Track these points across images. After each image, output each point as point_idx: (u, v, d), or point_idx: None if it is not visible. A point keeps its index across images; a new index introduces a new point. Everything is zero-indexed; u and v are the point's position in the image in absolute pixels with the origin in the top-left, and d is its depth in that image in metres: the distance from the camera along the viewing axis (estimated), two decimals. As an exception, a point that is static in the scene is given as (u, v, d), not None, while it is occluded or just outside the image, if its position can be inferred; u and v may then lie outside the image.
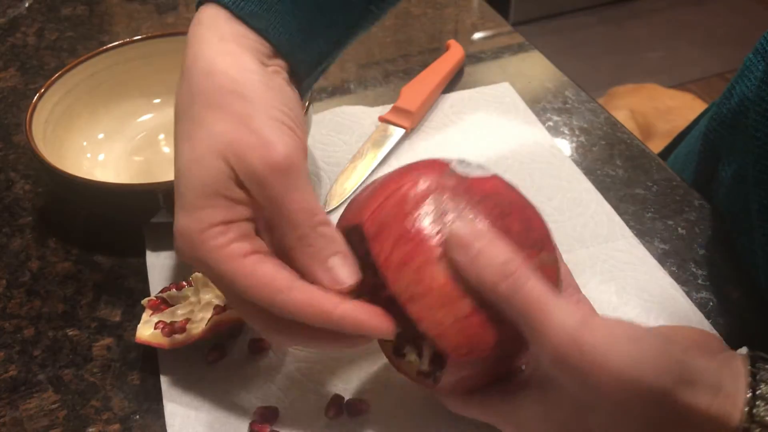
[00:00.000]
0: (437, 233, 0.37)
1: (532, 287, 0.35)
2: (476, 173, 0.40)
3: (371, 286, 0.40)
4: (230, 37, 0.41)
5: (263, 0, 0.42)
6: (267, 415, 0.48)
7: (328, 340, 0.40)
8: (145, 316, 0.52)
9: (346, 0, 0.47)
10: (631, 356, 0.33)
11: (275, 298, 0.37)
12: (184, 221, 0.40)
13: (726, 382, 0.34)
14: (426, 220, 0.38)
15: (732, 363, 0.36)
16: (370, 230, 0.39)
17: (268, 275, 0.38)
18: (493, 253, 0.36)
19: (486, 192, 0.39)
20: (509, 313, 0.36)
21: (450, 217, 0.38)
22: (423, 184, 0.39)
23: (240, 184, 0.39)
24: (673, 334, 0.44)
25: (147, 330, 0.50)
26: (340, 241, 0.40)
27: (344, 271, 0.39)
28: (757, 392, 0.34)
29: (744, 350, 0.37)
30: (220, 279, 0.39)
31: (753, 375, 0.35)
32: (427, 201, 0.38)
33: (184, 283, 0.54)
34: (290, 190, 0.38)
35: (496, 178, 0.41)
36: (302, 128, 0.41)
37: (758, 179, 0.57)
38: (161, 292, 0.53)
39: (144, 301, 0.52)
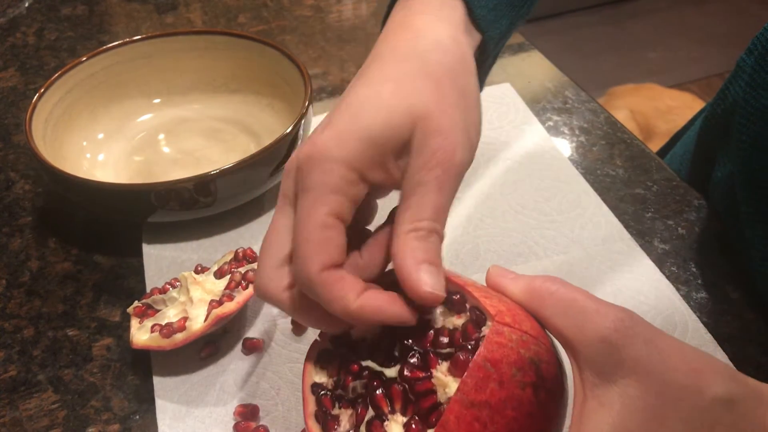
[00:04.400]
0: None
1: (573, 288, 0.35)
2: None
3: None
4: (446, 14, 0.40)
5: None
6: (246, 413, 0.48)
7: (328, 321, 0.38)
8: (134, 323, 0.52)
9: None
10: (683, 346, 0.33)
11: (303, 272, 0.35)
12: (327, 143, 0.36)
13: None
14: None
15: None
16: None
17: (315, 248, 0.35)
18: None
19: None
20: (554, 314, 0.34)
21: None
22: None
23: (399, 152, 0.36)
24: None
25: (143, 335, 0.50)
26: (439, 258, 0.37)
27: (433, 279, 0.35)
28: None
29: None
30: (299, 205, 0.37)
31: None
32: None
33: (168, 286, 0.54)
34: (445, 189, 0.36)
35: None
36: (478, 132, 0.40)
37: (745, 181, 0.57)
38: (144, 298, 0.54)
39: (130, 309, 0.53)
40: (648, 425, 0.31)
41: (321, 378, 0.40)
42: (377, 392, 0.36)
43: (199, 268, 0.56)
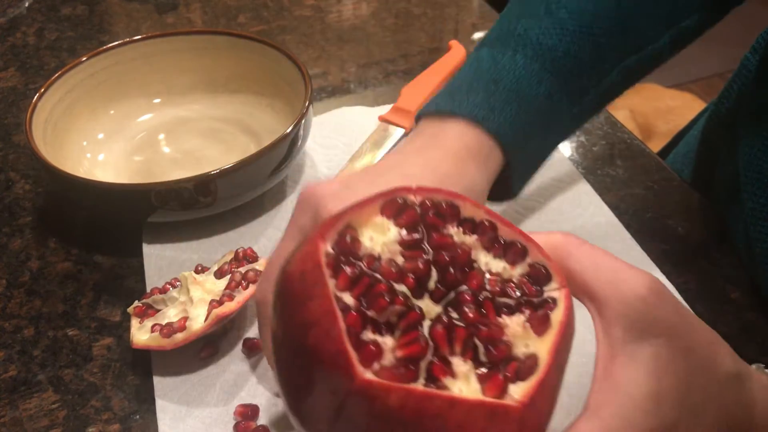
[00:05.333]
0: None
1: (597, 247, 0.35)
2: None
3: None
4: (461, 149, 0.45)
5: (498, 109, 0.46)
6: (247, 413, 0.48)
7: None
8: (134, 322, 0.52)
9: (555, 109, 0.49)
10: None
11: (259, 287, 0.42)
12: (337, 189, 0.41)
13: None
14: None
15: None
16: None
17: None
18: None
19: None
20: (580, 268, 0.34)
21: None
22: None
23: None
24: None
25: (143, 335, 0.50)
26: None
27: None
28: None
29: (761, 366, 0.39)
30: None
31: None
32: None
33: (168, 285, 0.54)
34: None
35: None
36: None
37: (751, 178, 0.57)
38: (144, 297, 0.54)
39: (130, 309, 0.53)
40: (678, 387, 0.31)
41: (332, 287, 0.30)
42: (436, 328, 0.30)
43: (200, 268, 0.56)
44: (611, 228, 0.62)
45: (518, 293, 0.32)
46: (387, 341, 0.29)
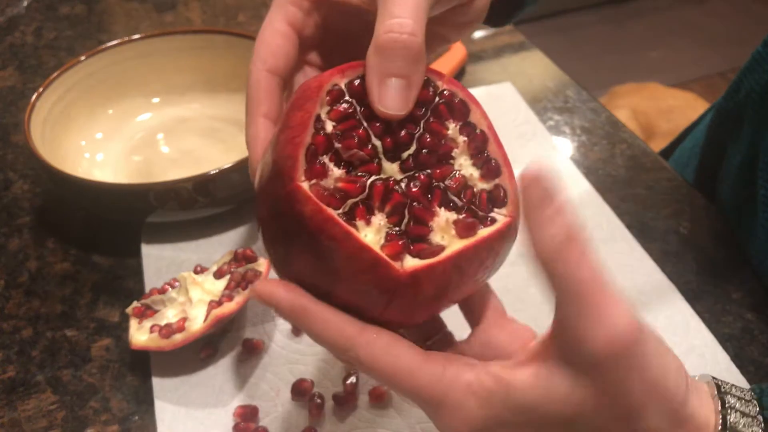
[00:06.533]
0: None
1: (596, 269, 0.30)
2: None
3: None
4: None
5: None
6: (246, 414, 0.48)
7: None
8: (133, 323, 0.52)
9: None
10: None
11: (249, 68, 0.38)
12: None
13: (696, 410, 0.33)
14: None
15: (699, 389, 0.34)
16: None
17: (261, 48, 0.38)
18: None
19: None
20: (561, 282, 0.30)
21: None
22: None
23: None
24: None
25: (142, 336, 0.50)
26: (419, 66, 0.33)
27: (397, 96, 0.33)
28: (729, 421, 0.33)
29: (708, 378, 0.35)
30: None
31: (722, 403, 0.33)
32: None
33: (167, 286, 0.54)
34: None
35: None
36: None
37: (767, 163, 0.57)
38: (143, 298, 0.53)
39: (129, 310, 0.52)
40: (563, 421, 0.31)
41: (323, 113, 0.33)
42: (377, 182, 0.32)
43: (199, 269, 0.55)
44: (613, 228, 0.61)
45: (468, 200, 0.34)
46: (336, 171, 0.32)
